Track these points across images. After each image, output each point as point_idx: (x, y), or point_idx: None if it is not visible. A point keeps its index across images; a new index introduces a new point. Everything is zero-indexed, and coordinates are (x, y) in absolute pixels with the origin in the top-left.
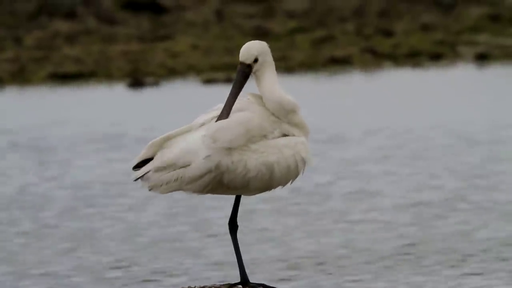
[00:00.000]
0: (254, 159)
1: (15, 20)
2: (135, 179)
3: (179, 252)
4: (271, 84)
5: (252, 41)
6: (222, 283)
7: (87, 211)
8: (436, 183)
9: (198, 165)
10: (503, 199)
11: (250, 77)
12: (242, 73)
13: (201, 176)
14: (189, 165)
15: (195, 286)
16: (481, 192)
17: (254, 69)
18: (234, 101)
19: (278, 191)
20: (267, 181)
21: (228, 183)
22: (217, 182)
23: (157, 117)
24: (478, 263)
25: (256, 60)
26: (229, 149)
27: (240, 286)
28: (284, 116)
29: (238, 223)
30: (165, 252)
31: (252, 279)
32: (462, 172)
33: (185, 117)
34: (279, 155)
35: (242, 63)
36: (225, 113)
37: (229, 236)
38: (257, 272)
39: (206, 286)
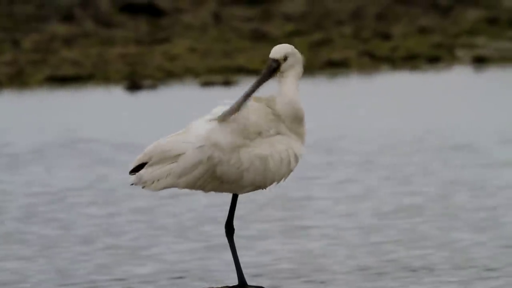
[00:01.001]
0: (247, 152)
1: (13, 22)
2: (131, 183)
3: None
4: (293, 89)
5: (287, 44)
6: (220, 286)
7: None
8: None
9: (190, 155)
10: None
11: (274, 76)
12: (269, 67)
13: (193, 168)
14: (182, 154)
15: None
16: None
17: (282, 68)
18: (253, 92)
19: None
20: (261, 174)
21: (221, 175)
22: (210, 175)
23: (154, 121)
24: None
25: (285, 59)
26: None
27: None
28: (291, 122)
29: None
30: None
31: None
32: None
33: (183, 120)
34: (272, 149)
35: (271, 58)
36: (236, 106)
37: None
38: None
39: None
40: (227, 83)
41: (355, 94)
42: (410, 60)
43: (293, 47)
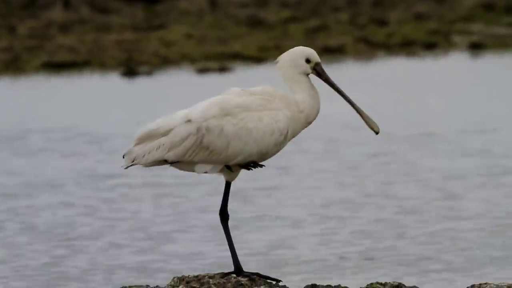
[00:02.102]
0: (233, 124)
1: (9, 9)
2: (125, 167)
3: (169, 244)
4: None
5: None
6: (216, 272)
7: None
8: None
9: (180, 128)
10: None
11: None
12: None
13: (183, 140)
14: (171, 129)
15: (189, 275)
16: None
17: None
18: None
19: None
20: (247, 144)
21: (208, 145)
22: (198, 145)
23: (149, 108)
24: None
25: (308, 61)
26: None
27: (234, 275)
28: (302, 123)
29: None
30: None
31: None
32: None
33: (178, 107)
34: (258, 122)
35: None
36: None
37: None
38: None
39: (200, 275)
40: (223, 70)
41: (350, 81)
42: (406, 47)
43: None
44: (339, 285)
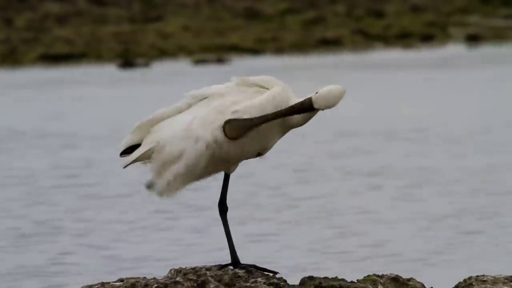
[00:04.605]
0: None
1: (6, 1)
2: (124, 166)
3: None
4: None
5: (337, 92)
6: (213, 264)
7: None
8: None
9: (190, 150)
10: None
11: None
12: (302, 107)
13: (197, 160)
14: (182, 154)
15: (186, 267)
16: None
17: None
18: (272, 119)
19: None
20: (258, 131)
21: (224, 155)
22: (215, 158)
23: (146, 100)
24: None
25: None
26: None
27: (231, 267)
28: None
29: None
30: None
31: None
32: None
33: (174, 100)
34: (258, 107)
35: (311, 102)
36: (250, 124)
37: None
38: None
39: (197, 267)
40: (220, 61)
41: (347, 72)
42: (403, 38)
43: (341, 94)
44: (336, 277)
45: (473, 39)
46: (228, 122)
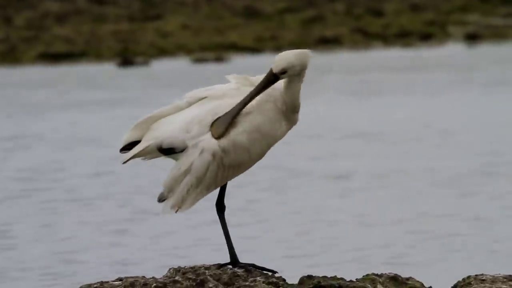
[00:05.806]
0: (240, 132)
1: (5, 0)
2: (123, 162)
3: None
4: (296, 93)
5: (290, 52)
6: (212, 264)
7: None
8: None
9: (196, 162)
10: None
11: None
12: (267, 79)
13: (205, 170)
14: (189, 167)
15: (185, 266)
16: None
17: (282, 78)
18: (249, 101)
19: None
20: (265, 137)
21: (232, 162)
22: (224, 166)
23: (145, 97)
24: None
25: (284, 72)
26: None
27: (230, 266)
28: (288, 113)
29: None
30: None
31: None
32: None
33: (173, 98)
34: (260, 116)
35: (271, 70)
36: (232, 113)
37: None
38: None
39: (196, 266)
40: (219, 60)
41: (346, 71)
42: (403, 37)
43: (294, 53)
44: (335, 276)
45: (472, 38)
46: (211, 125)
